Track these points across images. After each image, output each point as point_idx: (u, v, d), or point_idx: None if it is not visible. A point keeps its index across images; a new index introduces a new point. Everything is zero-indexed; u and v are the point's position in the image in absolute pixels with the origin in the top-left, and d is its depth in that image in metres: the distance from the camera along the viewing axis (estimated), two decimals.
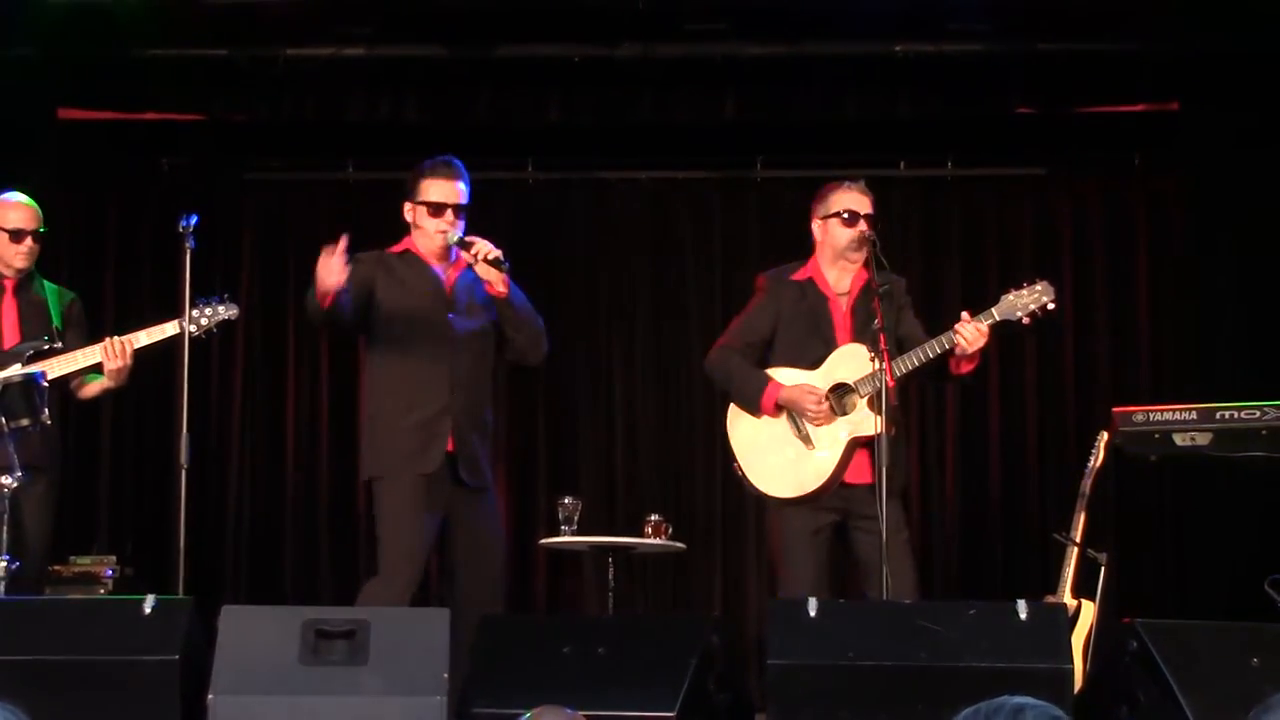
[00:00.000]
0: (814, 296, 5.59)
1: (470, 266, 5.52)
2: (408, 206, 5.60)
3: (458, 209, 5.52)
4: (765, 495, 5.57)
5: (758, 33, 7.44)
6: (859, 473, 5.42)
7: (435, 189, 5.53)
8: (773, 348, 5.61)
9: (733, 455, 5.64)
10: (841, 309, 5.54)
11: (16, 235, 5.97)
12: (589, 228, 8.47)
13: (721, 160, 8.42)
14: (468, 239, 5.45)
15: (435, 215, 5.51)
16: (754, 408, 5.55)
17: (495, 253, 5.38)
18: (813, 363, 5.51)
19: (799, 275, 5.64)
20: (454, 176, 5.55)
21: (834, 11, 7.23)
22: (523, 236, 8.08)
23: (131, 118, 7.95)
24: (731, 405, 5.66)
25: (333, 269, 5.31)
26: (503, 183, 8.35)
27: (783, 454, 5.51)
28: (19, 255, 5.98)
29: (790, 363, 5.55)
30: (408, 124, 7.81)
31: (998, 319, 5.33)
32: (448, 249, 5.56)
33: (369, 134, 8.07)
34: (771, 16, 7.33)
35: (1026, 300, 5.32)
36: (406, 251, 5.60)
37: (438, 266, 5.58)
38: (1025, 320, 5.34)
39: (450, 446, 5.43)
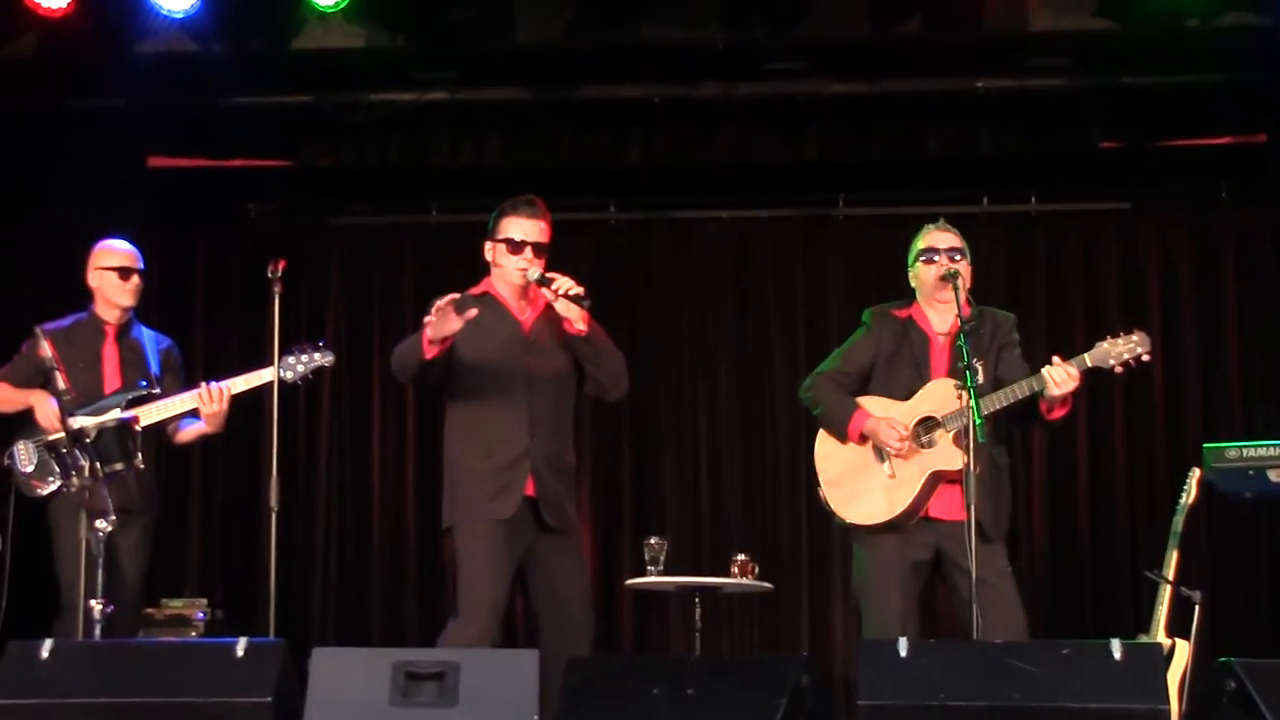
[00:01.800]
0: (915, 334, 5.64)
1: (549, 306, 5.49)
2: (488, 246, 5.55)
3: (537, 247, 5.47)
4: (843, 520, 5.62)
5: (838, 71, 7.43)
6: (948, 508, 5.41)
7: (516, 226, 5.48)
8: (871, 380, 5.66)
9: (817, 480, 5.70)
10: (939, 346, 5.56)
11: (124, 273, 6.14)
12: (671, 267, 8.48)
13: (803, 198, 8.40)
14: (549, 275, 5.39)
15: (514, 252, 5.47)
16: (841, 434, 5.62)
17: (577, 289, 5.33)
18: (904, 395, 5.55)
19: (902, 313, 5.69)
20: (535, 215, 5.50)
21: (914, 49, 7.20)
22: (605, 277, 8.12)
23: (219, 165, 8.05)
24: (820, 432, 5.72)
25: (451, 318, 5.22)
26: (585, 224, 8.39)
27: (863, 481, 5.56)
28: (127, 293, 6.15)
29: (885, 394, 5.60)
30: (490, 167, 7.86)
31: (1089, 365, 5.31)
32: (526, 288, 5.51)
33: (452, 177, 8.12)
34: (851, 54, 7.31)
35: (1121, 349, 5.28)
36: (485, 293, 5.55)
37: (515, 308, 5.54)
38: (1118, 369, 5.32)
39: (531, 491, 5.40)
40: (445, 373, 5.49)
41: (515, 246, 5.47)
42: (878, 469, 5.53)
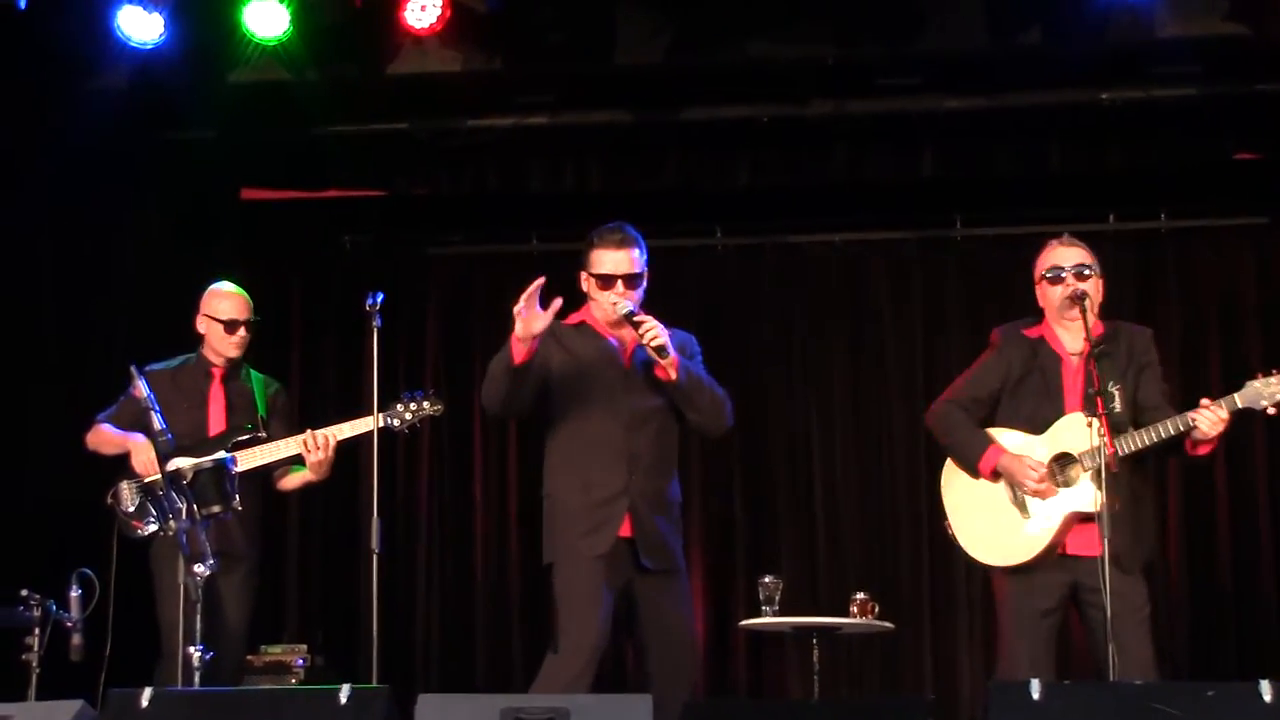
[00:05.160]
0: (1045, 355, 5.44)
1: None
2: (583, 276, 5.45)
3: (629, 279, 5.34)
4: (973, 560, 5.47)
5: (954, 85, 7.27)
6: (1086, 544, 5.21)
7: (605, 259, 5.36)
8: (1000, 404, 5.47)
9: (944, 514, 5.53)
10: (1072, 369, 5.36)
11: (231, 326, 6.17)
12: (782, 293, 8.37)
13: (919, 219, 8.28)
14: (638, 317, 5.24)
15: (605, 287, 5.36)
16: (972, 470, 5.45)
17: (660, 341, 5.17)
18: (1038, 426, 5.35)
19: (1032, 332, 5.50)
20: (624, 245, 5.36)
21: (1034, 60, 7.00)
22: (713, 305, 8.07)
23: (313, 196, 8.01)
24: (948, 462, 5.53)
25: (535, 315, 5.14)
26: (691, 249, 8.34)
27: (996, 520, 5.38)
28: (232, 345, 6.18)
29: (1016, 423, 5.41)
30: (592, 192, 7.76)
31: (1240, 406, 5.13)
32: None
33: (552, 204, 8.02)
34: (968, 68, 7.16)
35: (1275, 389, 5.09)
36: (583, 323, 5.46)
37: (614, 338, 5.41)
38: (1271, 410, 5.12)
39: (628, 531, 5.27)
40: (533, 401, 5.38)
41: (605, 282, 5.36)
42: (1011, 508, 5.35)
